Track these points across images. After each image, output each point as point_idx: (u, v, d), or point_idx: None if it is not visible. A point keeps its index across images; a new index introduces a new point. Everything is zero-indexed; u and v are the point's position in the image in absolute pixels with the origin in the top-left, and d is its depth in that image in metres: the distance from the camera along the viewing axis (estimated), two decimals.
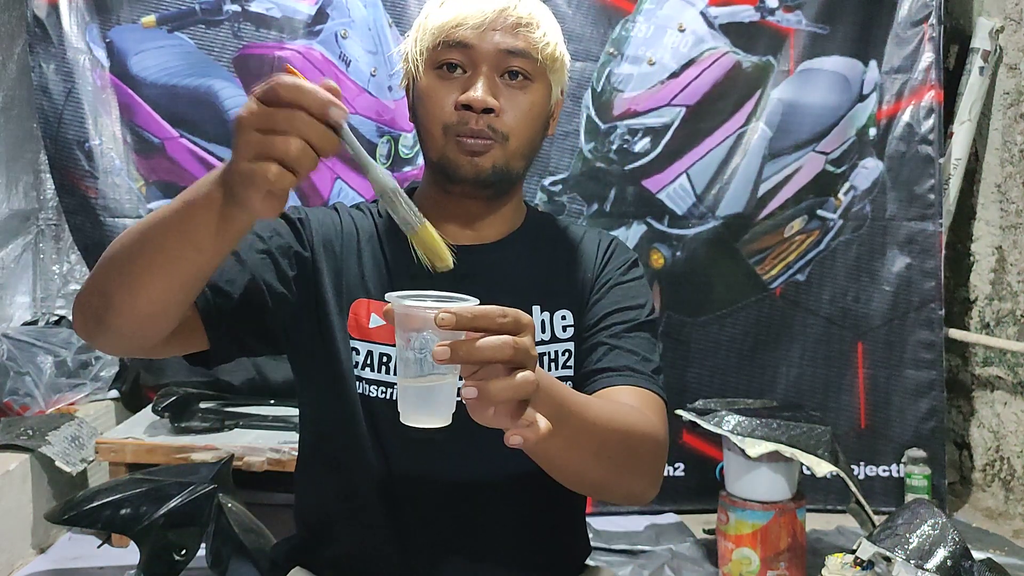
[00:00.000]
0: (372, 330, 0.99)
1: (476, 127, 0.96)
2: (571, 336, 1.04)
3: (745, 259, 2.51)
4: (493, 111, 0.96)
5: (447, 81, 0.98)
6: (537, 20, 1.00)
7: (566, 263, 1.08)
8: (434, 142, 0.99)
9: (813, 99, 2.50)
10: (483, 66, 0.97)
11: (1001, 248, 2.49)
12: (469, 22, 0.96)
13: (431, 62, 0.99)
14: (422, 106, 1.00)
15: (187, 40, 2.42)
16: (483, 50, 0.97)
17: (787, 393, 2.48)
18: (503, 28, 0.97)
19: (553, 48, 1.00)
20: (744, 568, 1.97)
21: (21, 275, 2.80)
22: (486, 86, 0.96)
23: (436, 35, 0.98)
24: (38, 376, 2.47)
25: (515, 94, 0.98)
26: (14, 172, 2.76)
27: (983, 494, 2.54)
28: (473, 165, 0.97)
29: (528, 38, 0.98)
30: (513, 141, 0.98)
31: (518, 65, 0.98)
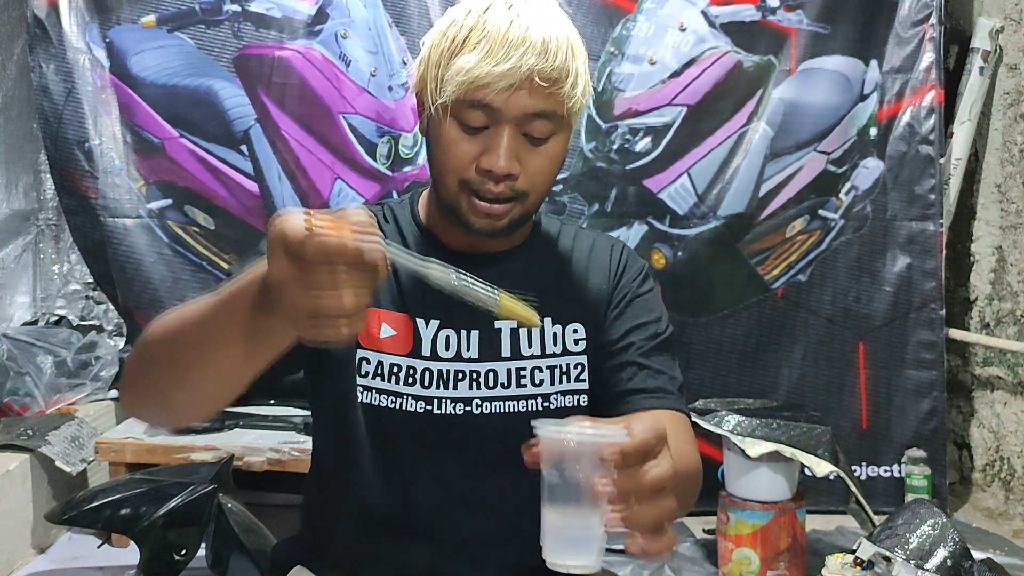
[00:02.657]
0: (383, 340, 0.99)
1: (496, 191, 0.93)
2: (583, 349, 1.03)
3: (746, 259, 2.51)
4: (514, 176, 0.93)
5: (467, 135, 0.93)
6: (567, 70, 0.92)
7: (578, 274, 1.06)
8: (447, 190, 0.96)
9: (814, 99, 2.49)
10: (506, 126, 0.92)
11: (1001, 248, 2.49)
12: (496, 84, 0.89)
13: (452, 112, 0.93)
14: (439, 151, 0.95)
15: (187, 40, 2.41)
16: (508, 113, 0.91)
17: (789, 394, 2.48)
18: (531, 88, 0.90)
19: (580, 97, 0.95)
20: (744, 568, 1.97)
21: (21, 275, 2.80)
22: (509, 150, 0.92)
23: (458, 90, 0.91)
24: (38, 376, 2.47)
25: (537, 149, 0.94)
26: (14, 172, 2.75)
27: (983, 494, 2.54)
28: (488, 224, 0.95)
29: (556, 97, 0.92)
30: (532, 196, 0.96)
31: (541, 128, 0.93)
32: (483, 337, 1.00)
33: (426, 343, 0.99)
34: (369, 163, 2.45)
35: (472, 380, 0.99)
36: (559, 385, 1.02)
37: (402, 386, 0.98)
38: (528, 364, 1.01)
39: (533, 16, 0.91)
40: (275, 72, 2.41)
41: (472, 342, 1.00)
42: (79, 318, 2.82)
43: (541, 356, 1.02)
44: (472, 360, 1.00)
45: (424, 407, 0.98)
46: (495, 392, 1.00)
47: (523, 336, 1.01)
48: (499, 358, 1.00)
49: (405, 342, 0.99)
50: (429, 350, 0.99)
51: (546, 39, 0.90)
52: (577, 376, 1.03)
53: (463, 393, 0.99)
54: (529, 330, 1.01)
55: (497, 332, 1.01)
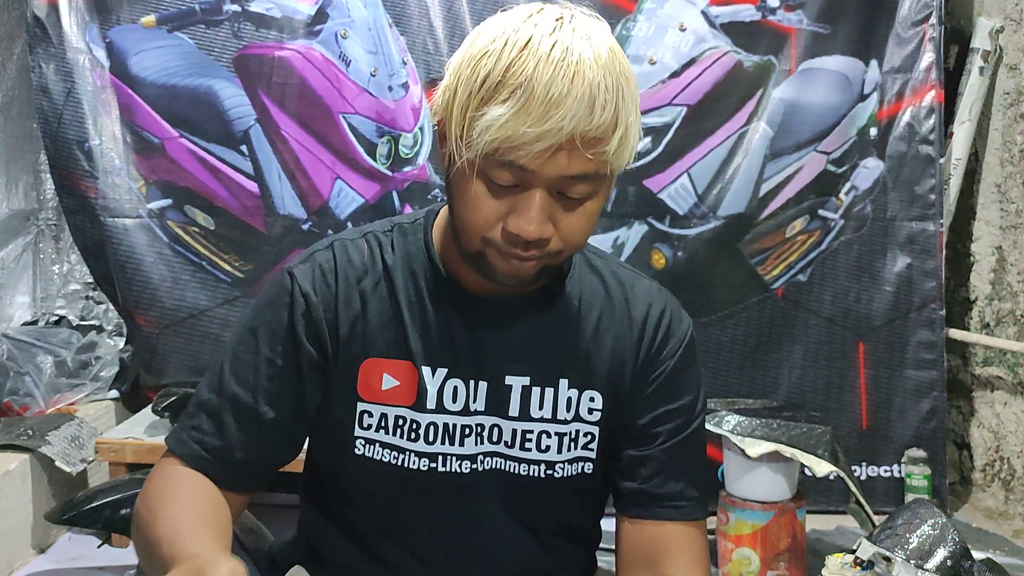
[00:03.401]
0: (385, 392, 0.92)
1: (527, 255, 0.83)
2: (597, 420, 0.94)
3: (746, 259, 2.51)
4: (546, 240, 0.82)
5: (495, 192, 0.82)
6: (614, 125, 0.79)
7: (607, 334, 0.95)
8: (470, 243, 0.85)
9: (814, 99, 2.49)
10: (539, 188, 0.80)
11: (1001, 248, 2.49)
12: (532, 146, 0.77)
13: (480, 167, 0.81)
14: (462, 204, 0.84)
15: (187, 40, 2.41)
16: (543, 175, 0.79)
17: (789, 394, 2.48)
18: (571, 150, 0.78)
19: (628, 156, 0.82)
20: (744, 568, 1.97)
21: (21, 275, 2.80)
22: (541, 213, 0.80)
23: (489, 145, 0.78)
24: (38, 376, 2.47)
25: (573, 209, 0.83)
26: (14, 172, 2.75)
27: (983, 494, 2.54)
28: (515, 277, 0.85)
29: (600, 157, 0.79)
30: (566, 251, 0.86)
31: (581, 190, 0.82)
32: (491, 390, 0.92)
33: (431, 395, 0.91)
34: (369, 163, 2.45)
35: (478, 435, 0.92)
36: (566, 453, 0.94)
37: (405, 441, 0.92)
38: (536, 427, 0.93)
39: (581, 57, 0.77)
40: (275, 72, 2.42)
41: (479, 394, 0.92)
42: (79, 318, 2.82)
43: (551, 420, 0.93)
44: (478, 413, 0.92)
45: (428, 464, 0.92)
46: (498, 449, 0.93)
47: (535, 396, 0.93)
48: (506, 416, 0.93)
49: (409, 393, 0.91)
50: (435, 402, 0.91)
51: (593, 93, 0.76)
52: (585, 444, 0.94)
53: (469, 450, 0.92)
54: (542, 390, 0.93)
55: (508, 388, 0.92)
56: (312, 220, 2.45)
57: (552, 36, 0.79)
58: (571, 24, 0.81)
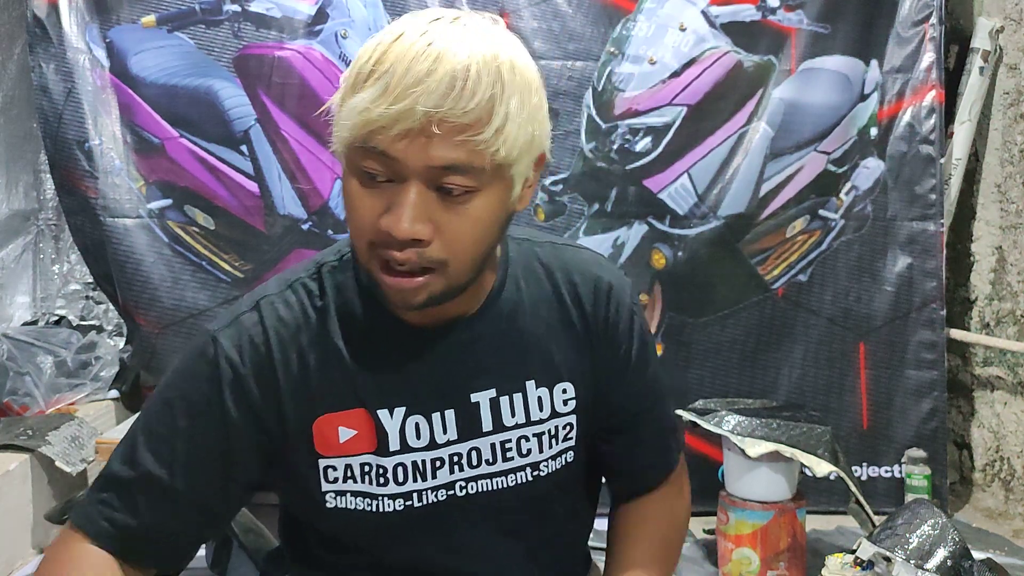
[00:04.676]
0: (344, 444, 0.87)
1: (400, 257, 0.77)
2: (573, 409, 0.94)
3: (747, 259, 2.51)
4: (422, 241, 0.77)
5: (370, 189, 0.78)
6: (487, 113, 0.75)
7: (561, 325, 0.93)
8: (360, 254, 0.82)
9: (814, 99, 2.49)
10: (411, 181, 0.76)
11: (1001, 248, 2.49)
12: (391, 128, 0.74)
13: (351, 160, 0.79)
14: (346, 207, 0.81)
15: (187, 40, 2.41)
16: (409, 164, 0.75)
17: (789, 394, 2.48)
18: (436, 136, 0.74)
19: (509, 148, 0.77)
20: (744, 568, 1.97)
21: (21, 275, 2.80)
22: (414, 209, 0.76)
23: (353, 132, 0.76)
24: (38, 376, 2.47)
25: (455, 209, 0.78)
26: (14, 172, 2.76)
27: (983, 494, 2.54)
28: (403, 298, 0.81)
29: (471, 145, 0.75)
30: (454, 264, 0.79)
31: (457, 182, 0.76)
32: (460, 414, 0.89)
33: (393, 436, 0.87)
34: None
35: (452, 464, 0.89)
36: (548, 451, 0.92)
37: (375, 487, 0.88)
38: (514, 435, 0.91)
39: (454, 44, 0.75)
40: (275, 72, 2.41)
41: (448, 423, 0.89)
42: (79, 318, 2.82)
43: (527, 424, 0.91)
44: (451, 443, 0.89)
45: (403, 503, 0.88)
46: (479, 471, 0.90)
47: (504, 406, 0.90)
48: (480, 434, 0.90)
49: (369, 440, 0.87)
50: (398, 442, 0.88)
51: (456, 73, 0.73)
52: (566, 436, 0.94)
53: (443, 480, 0.89)
54: (510, 398, 0.90)
55: (475, 406, 0.90)
56: (312, 220, 2.45)
57: (426, 27, 0.77)
58: (456, 23, 0.78)
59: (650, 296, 2.50)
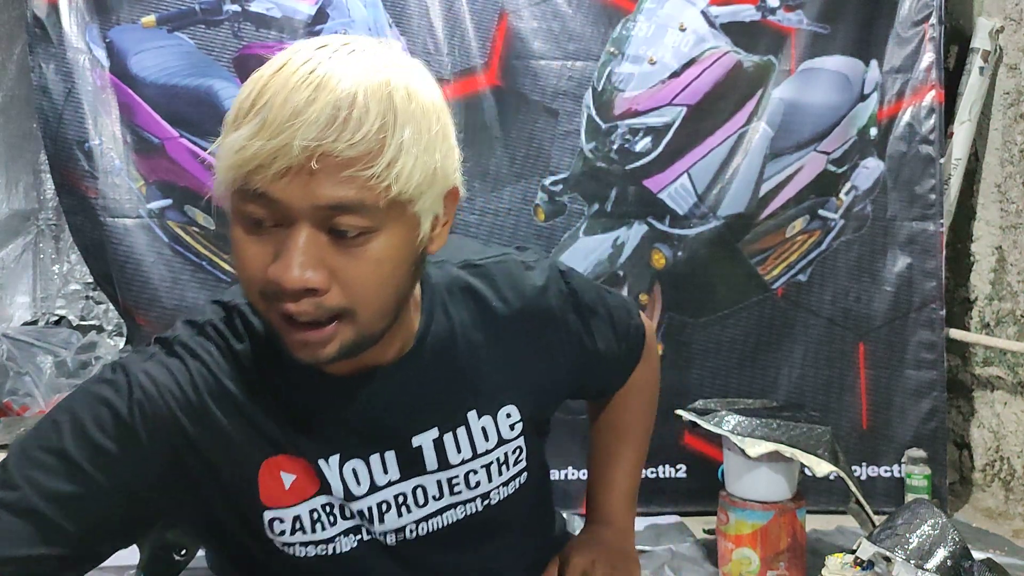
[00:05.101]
0: (288, 492, 0.80)
1: (296, 310, 0.69)
2: (521, 431, 0.90)
3: (746, 259, 2.51)
4: (316, 290, 0.69)
5: (256, 235, 0.70)
6: (377, 145, 0.67)
7: (495, 345, 0.88)
8: (257, 305, 0.74)
9: (814, 99, 2.49)
10: (299, 224, 0.68)
11: (1001, 248, 2.49)
12: (269, 167, 0.66)
13: (233, 205, 0.71)
14: (233, 256, 0.73)
15: (187, 40, 2.41)
16: (294, 206, 0.68)
17: (789, 394, 2.48)
18: (320, 173, 0.66)
19: (405, 183, 0.69)
20: (744, 568, 1.97)
21: (21, 275, 2.81)
22: (303, 255, 0.68)
23: (231, 174, 0.68)
24: (38, 376, 2.47)
25: (352, 252, 0.70)
26: (14, 172, 2.76)
27: (983, 494, 2.54)
28: (310, 353, 0.72)
29: (360, 180, 0.67)
30: (362, 312, 0.72)
31: (349, 223, 0.68)
32: (400, 456, 0.84)
33: (335, 482, 0.82)
34: None
35: (399, 506, 0.85)
36: (497, 479, 0.89)
37: (328, 529, 0.82)
38: (460, 470, 0.87)
39: (339, 70, 0.68)
40: None
41: (389, 464, 0.84)
42: (79, 318, 2.82)
43: (473, 457, 0.87)
44: (393, 483, 0.84)
45: (356, 539, 0.84)
46: (426, 510, 0.86)
47: (449, 443, 0.86)
48: (424, 472, 0.85)
49: (311, 482, 0.81)
50: (341, 489, 0.82)
51: (339, 102, 0.66)
52: (516, 459, 0.90)
53: (391, 524, 0.85)
54: (454, 434, 0.86)
55: (417, 449, 0.85)
56: None
57: (310, 54, 0.69)
58: (344, 48, 0.71)
59: (650, 296, 2.50)
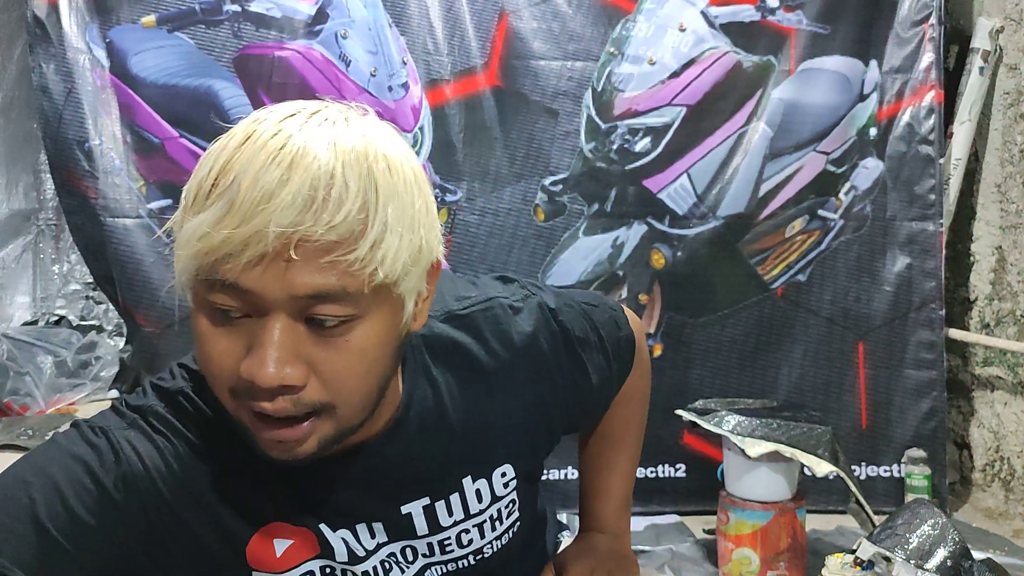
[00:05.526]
0: (282, 557, 0.76)
1: (273, 408, 0.63)
2: (515, 487, 0.87)
3: (746, 259, 2.51)
4: (293, 387, 0.63)
5: (224, 328, 0.64)
6: (360, 226, 0.61)
7: (486, 400, 0.83)
8: (226, 403, 0.67)
9: (814, 99, 2.50)
10: (273, 315, 0.62)
11: (1001, 248, 2.49)
12: (241, 255, 0.60)
13: (197, 296, 0.65)
14: (197, 350, 0.66)
15: (187, 40, 2.41)
16: (268, 297, 0.61)
17: (788, 393, 2.48)
18: (297, 260, 0.60)
19: (391, 265, 0.63)
20: (744, 568, 1.97)
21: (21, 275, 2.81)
22: (278, 350, 0.62)
23: (195, 261, 0.62)
24: (38, 376, 2.47)
25: (331, 343, 0.64)
26: (14, 172, 2.76)
27: (983, 494, 2.54)
28: (286, 451, 0.66)
29: (343, 267, 0.61)
30: (342, 407, 0.66)
31: (330, 312, 0.62)
32: (389, 524, 0.81)
33: (338, 548, 0.79)
34: None
35: (396, 563, 0.82)
36: (490, 535, 0.86)
37: None
38: (452, 532, 0.83)
39: (312, 143, 0.61)
40: (275, 72, 2.41)
41: (376, 530, 0.80)
42: (79, 318, 2.82)
43: (466, 519, 0.84)
44: (381, 546, 0.81)
45: None
46: (417, 564, 0.84)
47: (440, 510, 0.82)
48: (415, 536, 0.82)
49: (310, 546, 0.78)
50: (346, 555, 0.79)
51: (316, 182, 0.60)
52: (508, 513, 0.87)
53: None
54: (446, 501, 0.82)
55: (407, 516, 0.81)
56: None
57: (277, 128, 0.63)
58: (315, 117, 0.64)
59: (649, 296, 2.50)
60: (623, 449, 1.07)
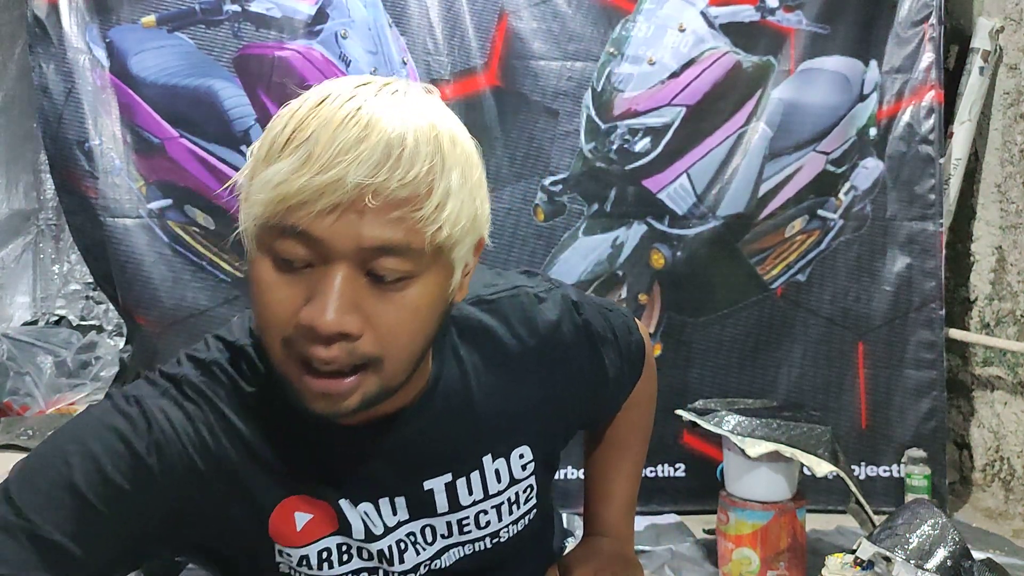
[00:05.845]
0: (301, 531, 0.78)
1: (327, 356, 0.66)
2: (532, 471, 0.89)
3: (746, 259, 2.51)
4: (350, 335, 0.66)
5: (287, 276, 0.66)
6: (427, 186, 0.65)
7: (511, 384, 0.86)
8: (274, 355, 0.69)
9: (814, 99, 2.50)
10: (337, 265, 0.65)
11: (1001, 248, 2.49)
12: (315, 203, 0.63)
13: (263, 243, 0.67)
14: (254, 299, 0.69)
15: (187, 40, 2.41)
16: (336, 246, 0.64)
17: (788, 393, 2.48)
18: (369, 211, 0.64)
19: (451, 227, 0.67)
20: (744, 568, 1.97)
21: (21, 275, 2.81)
22: (341, 299, 0.65)
23: (267, 208, 0.65)
24: (38, 376, 2.47)
25: (389, 298, 0.67)
26: (14, 172, 2.76)
27: (983, 494, 2.54)
28: (330, 405, 0.69)
29: (408, 222, 0.65)
30: (389, 363, 0.69)
31: (391, 266, 0.66)
32: (411, 500, 0.83)
33: (355, 523, 0.80)
34: None
35: (413, 544, 0.84)
36: (508, 518, 0.88)
37: (336, 567, 0.81)
38: (471, 511, 0.86)
39: (386, 111, 0.65)
40: (275, 72, 2.42)
41: (399, 507, 0.82)
42: (79, 318, 2.82)
43: (485, 499, 0.86)
44: (403, 523, 0.83)
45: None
46: (436, 546, 0.85)
47: (461, 487, 0.84)
48: (435, 515, 0.84)
49: (329, 522, 0.80)
50: (362, 530, 0.81)
51: (391, 141, 0.64)
52: (526, 499, 0.89)
53: (411, 563, 0.84)
54: (467, 479, 0.84)
55: (428, 493, 0.83)
56: None
57: (352, 93, 0.67)
58: (386, 88, 0.69)
59: (649, 296, 2.50)
60: (628, 455, 1.09)
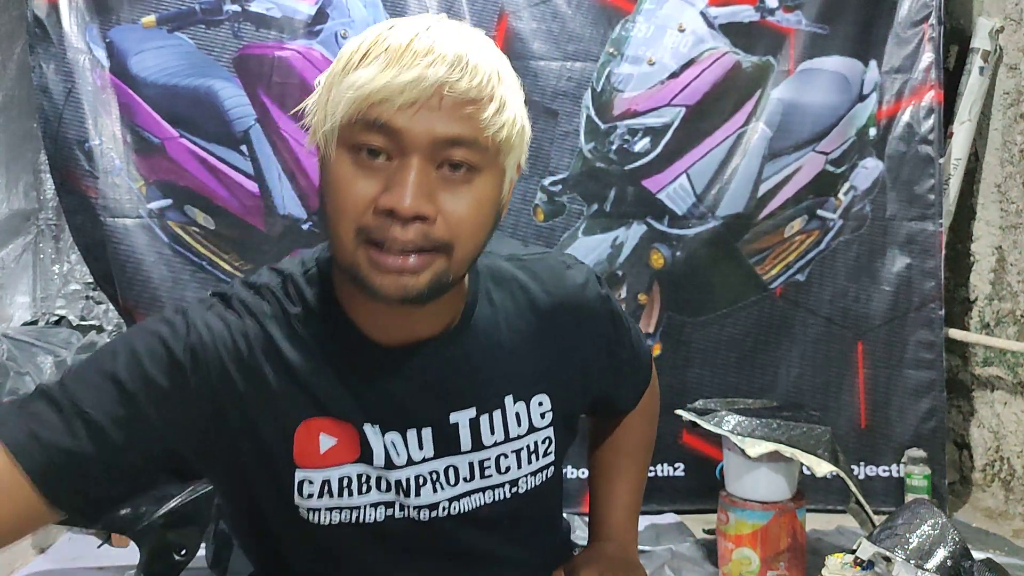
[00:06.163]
0: (325, 455, 0.83)
1: (404, 238, 0.73)
2: (550, 421, 0.93)
3: (745, 259, 2.51)
4: (426, 218, 0.74)
5: (365, 169, 0.74)
6: (489, 91, 0.75)
7: (536, 336, 0.92)
8: (344, 246, 0.76)
9: (813, 99, 2.50)
10: (414, 156, 0.73)
11: (1001, 248, 2.49)
12: (397, 99, 0.72)
13: (345, 140, 0.75)
14: (331, 195, 0.76)
15: (187, 40, 2.41)
16: (414, 137, 0.73)
17: (787, 393, 2.48)
18: (442, 108, 0.73)
19: (509, 130, 0.77)
20: (744, 568, 1.97)
21: (21, 275, 2.80)
22: (418, 186, 0.73)
23: (351, 107, 0.73)
24: (38, 376, 2.47)
25: (457, 188, 0.75)
26: (14, 172, 2.75)
27: (983, 494, 2.54)
28: (399, 285, 0.75)
29: (475, 120, 0.74)
30: (458, 249, 0.77)
31: (461, 157, 0.75)
32: (437, 434, 0.87)
33: (377, 449, 0.84)
34: None
35: (433, 482, 0.87)
36: (526, 467, 0.92)
37: (356, 497, 0.84)
38: (492, 453, 0.89)
39: (449, 33, 0.76)
40: (275, 72, 2.42)
41: (425, 440, 0.86)
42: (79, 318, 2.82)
43: (505, 441, 0.90)
44: (427, 460, 0.87)
45: (385, 513, 0.86)
46: (458, 489, 0.88)
47: (484, 425, 0.88)
48: (458, 452, 0.88)
49: (352, 448, 0.84)
50: (383, 457, 0.85)
51: (459, 50, 0.74)
52: (544, 451, 0.93)
53: (427, 499, 0.87)
54: (490, 416, 0.89)
55: (454, 427, 0.87)
56: (312, 220, 2.45)
57: (413, 20, 0.77)
58: (442, 19, 0.79)
59: (649, 296, 2.50)
60: (634, 462, 1.11)
